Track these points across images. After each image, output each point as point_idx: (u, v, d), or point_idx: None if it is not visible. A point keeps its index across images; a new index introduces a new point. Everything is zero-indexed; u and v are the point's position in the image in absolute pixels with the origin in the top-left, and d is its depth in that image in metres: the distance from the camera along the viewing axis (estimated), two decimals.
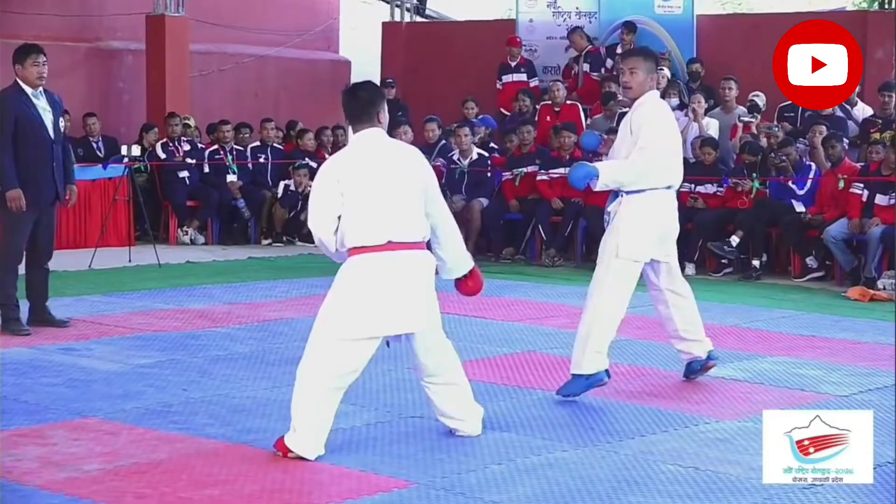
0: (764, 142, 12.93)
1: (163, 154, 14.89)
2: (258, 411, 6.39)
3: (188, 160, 14.93)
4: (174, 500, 4.94)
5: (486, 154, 14.25)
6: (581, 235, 13.41)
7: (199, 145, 15.34)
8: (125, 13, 16.50)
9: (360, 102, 5.71)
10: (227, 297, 10.47)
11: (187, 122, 15.37)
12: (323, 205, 5.58)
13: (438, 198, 5.83)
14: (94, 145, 14.93)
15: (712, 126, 13.57)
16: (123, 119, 16.46)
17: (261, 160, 15.36)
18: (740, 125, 13.43)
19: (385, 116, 5.77)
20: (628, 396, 6.78)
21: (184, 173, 14.89)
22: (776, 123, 13.38)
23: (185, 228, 14.80)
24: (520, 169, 13.85)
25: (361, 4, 21.59)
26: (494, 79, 16.13)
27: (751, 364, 7.76)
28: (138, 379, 7.13)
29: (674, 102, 13.80)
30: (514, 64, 16.07)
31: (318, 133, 15.91)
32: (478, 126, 14.88)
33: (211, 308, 9.88)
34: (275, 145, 15.58)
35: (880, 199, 11.71)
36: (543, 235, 13.50)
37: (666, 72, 14.71)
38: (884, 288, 11.21)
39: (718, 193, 12.88)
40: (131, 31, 16.61)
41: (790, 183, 12.49)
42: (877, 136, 12.66)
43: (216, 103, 17.15)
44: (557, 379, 7.26)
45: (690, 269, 12.06)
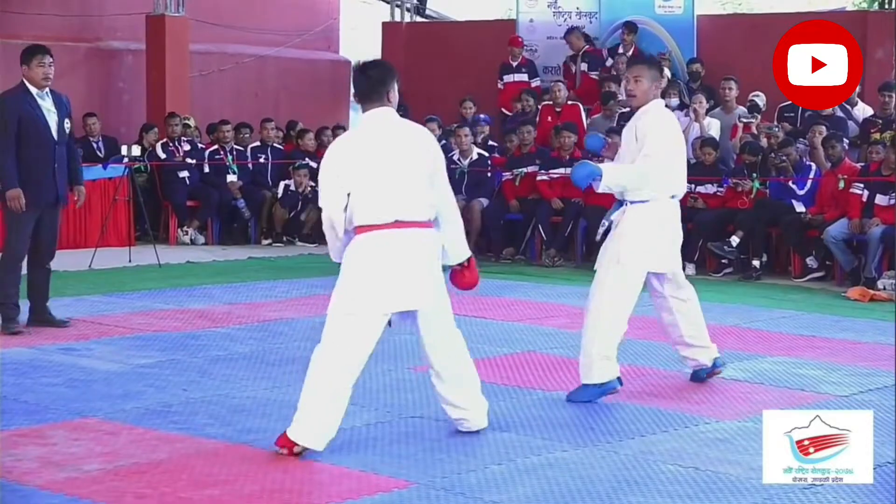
0: (764, 142, 12.93)
1: (163, 154, 14.89)
2: (258, 411, 6.38)
3: (188, 160, 14.94)
4: (174, 500, 4.94)
5: (487, 154, 14.26)
6: (581, 235, 13.40)
7: (200, 145, 15.35)
8: (125, 13, 16.50)
9: (371, 81, 5.70)
10: (228, 298, 10.47)
11: (187, 123, 15.37)
12: (332, 182, 5.57)
13: (443, 182, 5.81)
14: (94, 145, 14.92)
15: (713, 126, 13.56)
16: (123, 119, 16.46)
17: (261, 160, 15.37)
18: (740, 125, 13.43)
19: (395, 95, 5.75)
20: (628, 396, 6.77)
21: (184, 173, 14.89)
22: (776, 123, 13.38)
23: (186, 228, 14.80)
24: (520, 169, 13.85)
25: (361, 4, 21.61)
26: (495, 79, 16.13)
27: (751, 364, 7.76)
28: (138, 379, 7.13)
29: (674, 102, 13.79)
30: (516, 64, 16.07)
31: (319, 133, 15.92)
32: (481, 125, 14.88)
33: (211, 308, 9.88)
34: (275, 145, 15.58)
35: (880, 200, 11.71)
36: (543, 235, 13.50)
37: (666, 72, 14.70)
38: (884, 288, 11.21)
39: (718, 193, 12.88)
40: (131, 31, 16.61)
41: (790, 183, 12.48)
42: (877, 137, 12.66)
43: (216, 103, 17.15)
44: (558, 379, 7.27)
45: (690, 269, 12.04)
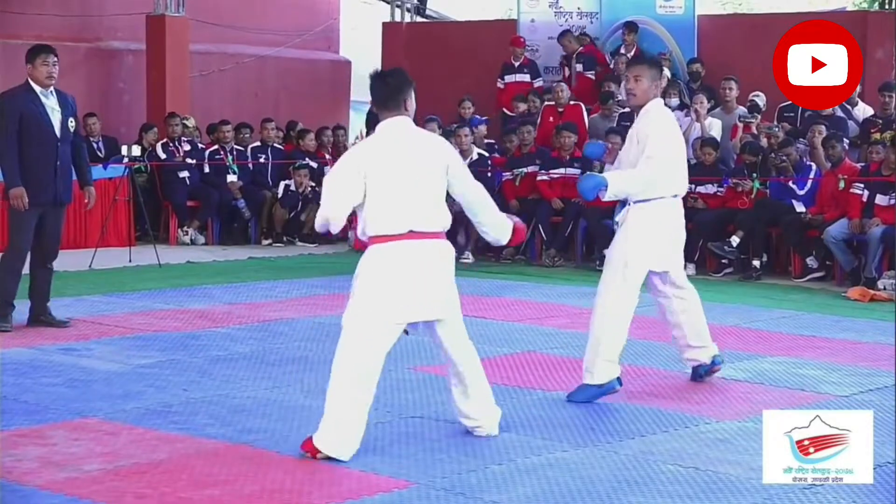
0: (764, 142, 12.93)
1: (163, 154, 14.89)
2: (258, 411, 6.38)
3: (188, 160, 14.94)
4: (174, 500, 4.94)
5: (487, 154, 14.25)
6: (581, 236, 13.41)
7: (200, 145, 15.35)
8: (125, 13, 16.51)
9: (389, 89, 5.73)
10: (228, 298, 10.47)
11: (187, 123, 15.37)
12: (341, 190, 5.58)
13: (466, 174, 5.85)
14: (95, 145, 14.91)
15: (714, 126, 13.56)
16: (124, 119, 16.46)
17: (261, 160, 15.37)
18: (740, 125, 13.43)
19: (412, 104, 5.78)
20: (628, 397, 6.77)
21: (184, 173, 14.89)
22: (776, 123, 13.38)
23: (186, 228, 14.80)
24: (520, 169, 13.85)
25: (362, 4, 21.61)
26: (495, 79, 16.12)
27: (751, 364, 7.75)
28: (138, 379, 7.12)
29: (674, 102, 13.80)
30: (518, 64, 16.07)
31: (319, 133, 15.93)
32: (475, 126, 14.84)
33: (211, 308, 9.87)
34: (275, 145, 15.59)
35: (880, 200, 11.71)
36: (544, 235, 13.50)
37: (666, 72, 14.71)
38: (884, 288, 11.21)
39: (719, 193, 12.88)
40: (131, 32, 16.62)
41: (790, 183, 12.48)
42: (877, 137, 12.66)
43: (216, 103, 17.16)
44: (558, 379, 7.27)
45: (691, 269, 12.02)
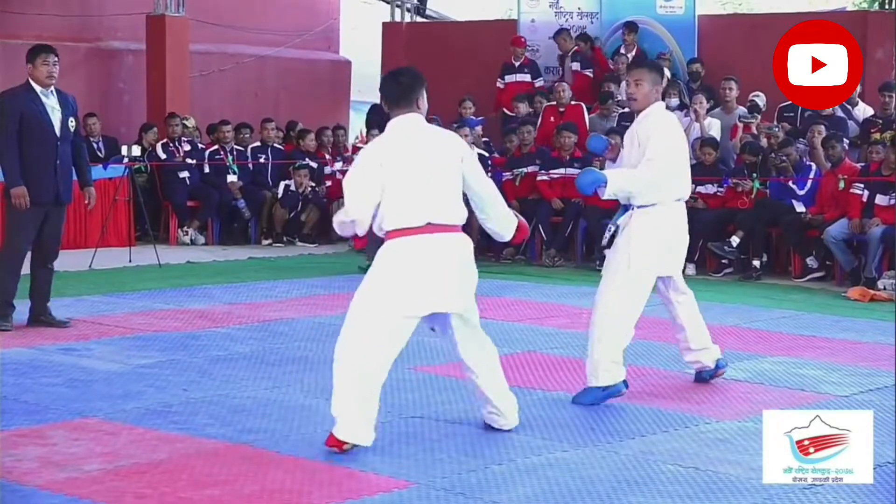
0: (764, 142, 12.93)
1: (163, 154, 14.89)
2: (258, 411, 6.39)
3: (188, 160, 14.94)
4: (174, 501, 4.94)
5: (487, 154, 14.24)
6: (581, 236, 13.40)
7: (200, 145, 15.35)
8: (125, 13, 16.52)
9: (401, 87, 5.76)
10: (228, 298, 10.47)
11: (187, 123, 15.37)
12: (364, 187, 5.60)
13: (478, 169, 5.89)
14: (95, 145, 14.91)
15: (714, 126, 13.56)
16: (124, 119, 16.46)
17: (261, 160, 15.37)
18: (740, 125, 13.43)
19: (424, 103, 5.82)
20: (628, 397, 6.76)
21: (184, 173, 14.89)
22: (776, 124, 13.38)
23: (186, 229, 14.80)
24: (520, 169, 13.85)
25: (362, 4, 21.61)
26: (495, 79, 16.11)
27: (751, 364, 7.75)
28: (138, 379, 7.12)
29: (674, 102, 13.79)
30: (518, 64, 16.07)
31: (319, 133, 15.93)
32: (473, 126, 14.82)
33: (211, 308, 9.87)
34: (275, 145, 15.59)
35: (880, 200, 11.70)
36: (544, 236, 13.49)
37: (666, 72, 14.69)
38: (884, 288, 11.21)
39: (719, 193, 12.88)
40: (131, 32, 16.62)
41: (790, 183, 12.48)
42: (877, 137, 12.66)
43: (216, 103, 17.16)
44: (558, 379, 7.28)
45: (691, 270, 12.04)
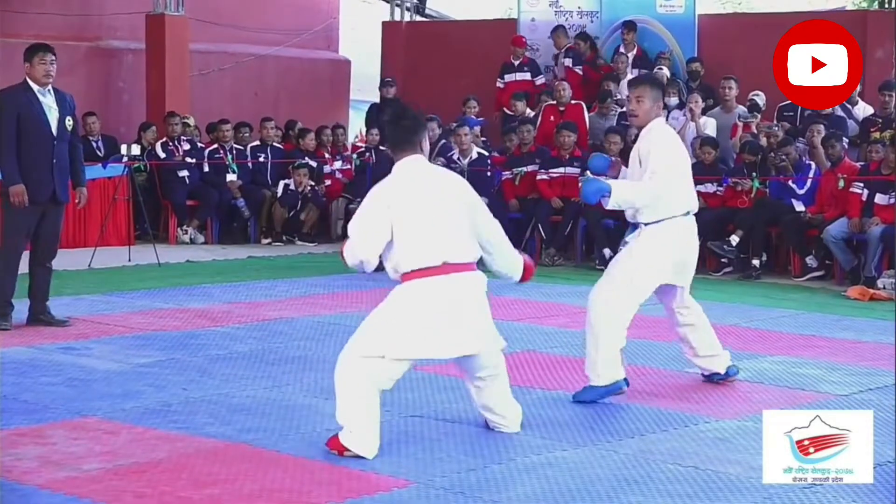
0: (764, 141, 12.93)
1: (162, 153, 14.88)
2: (258, 410, 6.39)
3: (188, 159, 14.93)
4: (174, 500, 4.94)
5: (486, 153, 14.24)
6: (581, 235, 13.40)
7: (199, 144, 15.34)
8: (125, 12, 16.50)
9: (404, 131, 5.81)
10: (227, 297, 10.47)
11: (187, 122, 15.37)
12: (372, 231, 5.63)
13: (486, 213, 5.93)
14: (94, 144, 14.91)
15: (709, 125, 13.56)
16: (123, 118, 16.46)
17: (260, 159, 15.36)
18: (740, 124, 13.43)
19: (426, 144, 5.89)
20: (628, 396, 6.76)
21: (183, 172, 14.88)
22: (776, 123, 13.37)
23: (185, 228, 14.79)
24: (519, 168, 13.84)
25: (361, 4, 21.62)
26: (495, 78, 16.10)
27: (750, 363, 7.75)
28: (138, 378, 7.12)
29: (673, 102, 13.80)
30: (518, 63, 16.07)
31: (318, 132, 15.92)
32: (472, 126, 14.82)
33: (210, 307, 9.87)
34: (274, 144, 15.58)
35: (880, 199, 11.71)
36: (543, 235, 13.48)
37: (665, 71, 14.71)
38: (884, 287, 11.21)
39: (718, 193, 12.87)
40: (131, 31, 16.61)
41: (790, 182, 12.49)
42: (877, 136, 12.66)
43: (216, 102, 17.15)
44: (557, 378, 7.28)
45: None
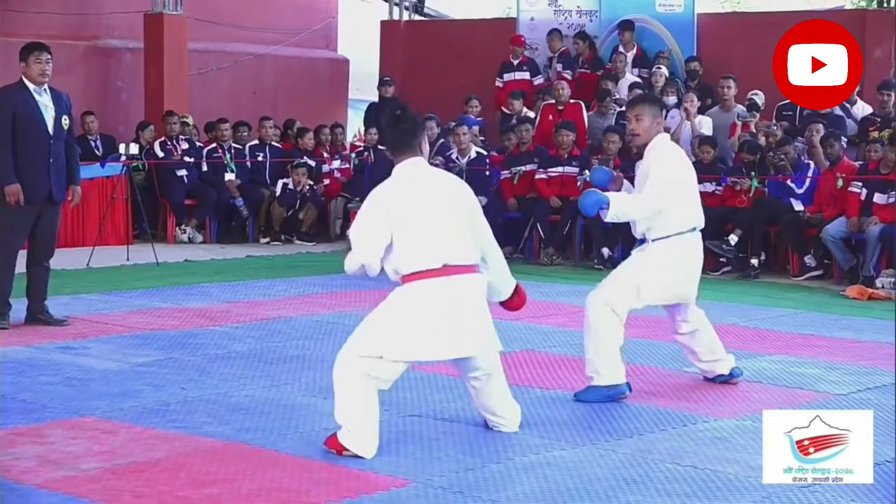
0: (762, 140, 12.93)
1: (161, 153, 14.88)
2: (256, 410, 6.38)
3: (186, 159, 14.93)
4: (172, 499, 4.93)
5: (485, 152, 14.23)
6: (579, 234, 13.40)
7: (198, 144, 15.34)
8: (123, 11, 16.50)
9: (403, 134, 5.80)
10: (226, 296, 10.46)
11: (185, 121, 15.36)
12: (372, 234, 5.62)
13: (483, 223, 5.95)
14: (93, 144, 14.91)
15: (705, 124, 13.57)
16: (122, 117, 16.46)
17: (259, 159, 15.36)
18: (739, 124, 13.43)
19: (426, 147, 5.88)
20: (626, 395, 6.76)
21: (182, 172, 14.88)
22: (775, 122, 13.38)
23: (184, 227, 14.79)
24: (518, 167, 13.84)
25: (360, 3, 21.61)
26: (494, 77, 16.09)
27: (749, 363, 7.74)
28: (136, 377, 7.12)
29: (672, 101, 13.80)
30: (517, 62, 16.06)
31: (317, 132, 15.92)
32: (471, 125, 14.81)
33: (209, 307, 9.87)
34: (273, 144, 15.58)
35: (879, 198, 11.71)
36: (542, 234, 13.48)
37: (664, 70, 14.72)
38: (882, 286, 11.21)
39: (717, 192, 12.87)
40: (130, 30, 16.62)
41: (789, 182, 12.49)
42: (875, 135, 12.66)
43: (214, 102, 17.15)
44: (556, 377, 7.28)
45: None
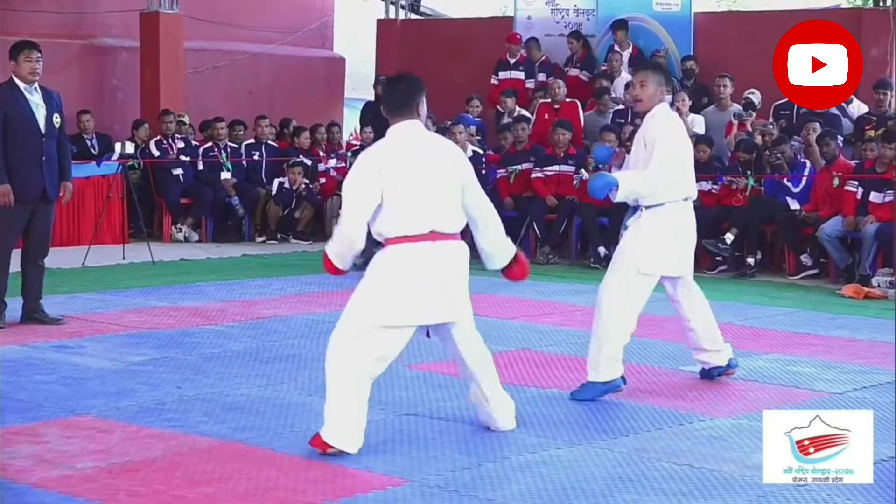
0: (759, 139, 12.93)
1: (157, 151, 14.86)
2: (252, 409, 6.38)
3: (182, 157, 14.91)
4: (168, 499, 4.93)
5: (481, 151, 14.23)
6: (575, 233, 13.39)
7: (193, 142, 15.32)
8: (119, 10, 16.47)
9: (401, 94, 5.71)
10: (221, 295, 10.45)
11: (181, 120, 15.34)
12: (361, 194, 5.53)
13: (477, 188, 5.83)
14: (88, 142, 14.90)
15: (697, 123, 13.57)
16: (118, 116, 16.43)
17: (255, 157, 15.34)
18: (735, 123, 13.43)
19: (423, 109, 5.77)
20: (623, 394, 6.76)
21: (178, 171, 14.86)
22: (771, 121, 13.38)
23: (179, 226, 14.78)
24: (514, 166, 13.84)
25: (356, 1, 21.59)
26: (490, 76, 16.08)
27: (745, 362, 7.73)
28: (132, 376, 7.11)
29: (667, 99, 13.75)
30: (514, 61, 16.06)
31: (313, 130, 15.90)
32: (468, 124, 14.79)
33: (205, 305, 9.86)
34: (269, 142, 15.57)
35: (875, 197, 11.71)
36: (538, 233, 13.47)
37: None
38: (878, 285, 11.21)
39: (713, 191, 12.86)
40: (125, 28, 16.59)
41: (785, 180, 12.49)
42: (871, 134, 12.66)
43: (210, 100, 17.12)
44: (552, 376, 7.28)
45: None
